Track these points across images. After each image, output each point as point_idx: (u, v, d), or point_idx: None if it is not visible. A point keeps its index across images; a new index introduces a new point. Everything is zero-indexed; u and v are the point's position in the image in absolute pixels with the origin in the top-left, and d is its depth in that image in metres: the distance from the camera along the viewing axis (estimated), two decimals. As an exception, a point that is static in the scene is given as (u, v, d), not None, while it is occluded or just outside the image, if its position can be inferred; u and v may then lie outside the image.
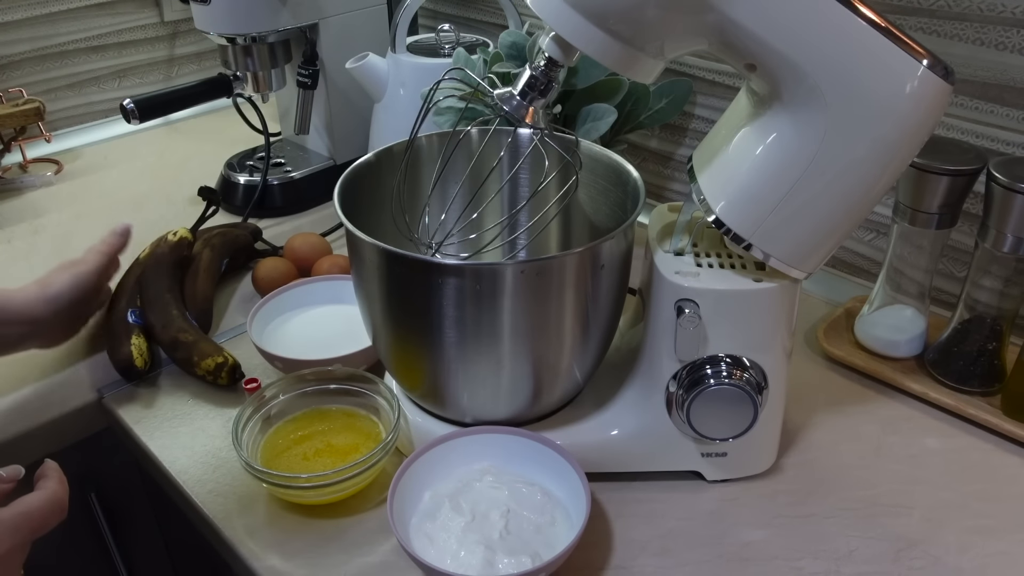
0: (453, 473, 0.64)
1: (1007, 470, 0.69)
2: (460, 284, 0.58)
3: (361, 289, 0.65)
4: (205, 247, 0.90)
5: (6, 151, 1.19)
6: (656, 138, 1.08)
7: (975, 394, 0.74)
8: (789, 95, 0.54)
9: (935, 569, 0.61)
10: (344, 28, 1.10)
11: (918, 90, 0.51)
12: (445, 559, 0.57)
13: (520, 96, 0.59)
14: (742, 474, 0.68)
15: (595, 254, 0.60)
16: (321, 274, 0.88)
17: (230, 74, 1.06)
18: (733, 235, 0.58)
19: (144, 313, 0.81)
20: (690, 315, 0.59)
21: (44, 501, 0.55)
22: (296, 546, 0.63)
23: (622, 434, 0.67)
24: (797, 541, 0.63)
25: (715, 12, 0.51)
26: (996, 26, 0.75)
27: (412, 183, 0.74)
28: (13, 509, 0.53)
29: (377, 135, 1.07)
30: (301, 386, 0.70)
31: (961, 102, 0.80)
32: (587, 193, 0.73)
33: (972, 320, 0.74)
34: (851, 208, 0.56)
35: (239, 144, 1.18)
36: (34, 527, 0.53)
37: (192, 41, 1.40)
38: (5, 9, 1.19)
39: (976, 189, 0.73)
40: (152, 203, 1.12)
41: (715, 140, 0.61)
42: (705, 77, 0.99)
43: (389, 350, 0.66)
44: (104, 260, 0.79)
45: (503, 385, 0.63)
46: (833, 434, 0.73)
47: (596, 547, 0.62)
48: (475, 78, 0.68)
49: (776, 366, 0.63)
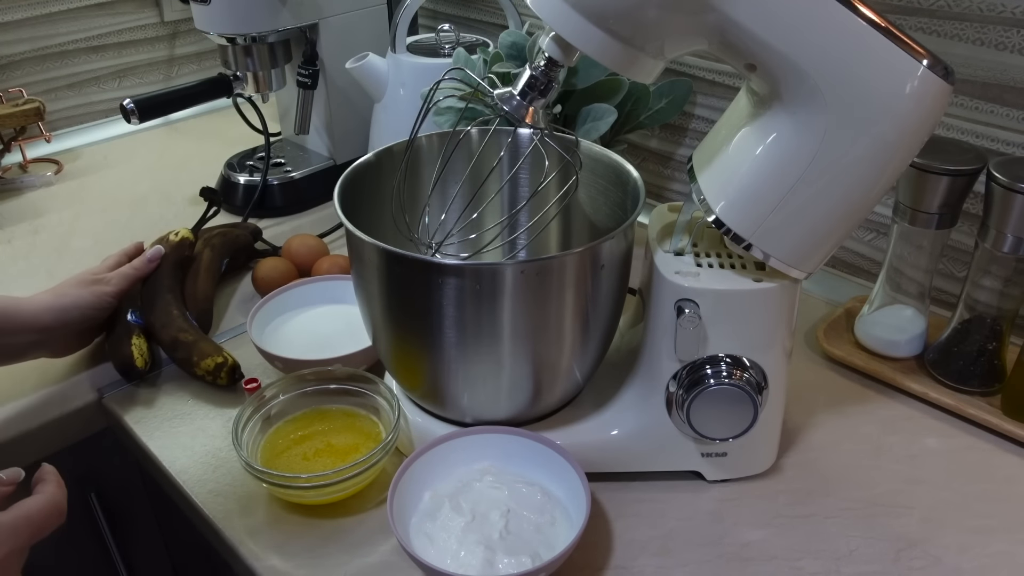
0: (453, 473, 0.64)
1: (1007, 470, 0.69)
2: (460, 284, 0.58)
3: (361, 289, 0.65)
4: (205, 247, 0.90)
5: (6, 151, 1.19)
6: (656, 138, 1.08)
7: (975, 394, 0.74)
8: (789, 95, 0.54)
9: (935, 569, 0.61)
10: (344, 28, 1.10)
11: (918, 90, 0.51)
12: (445, 559, 0.57)
13: (520, 96, 0.59)
14: (742, 474, 0.68)
15: (595, 254, 0.60)
16: (321, 274, 0.88)
17: (230, 74, 1.06)
18: (733, 235, 0.58)
19: (144, 313, 0.81)
20: (690, 315, 0.59)
21: (43, 504, 0.55)
22: (296, 546, 0.63)
23: (622, 434, 0.67)
24: (797, 541, 0.63)
25: (715, 12, 0.51)
26: (996, 26, 0.75)
27: (412, 183, 0.74)
28: (12, 512, 0.53)
29: (377, 135, 1.07)
30: (301, 386, 0.70)
31: (961, 102, 0.80)
32: (587, 193, 0.73)
33: (972, 320, 0.74)
34: (851, 208, 0.56)
35: (239, 144, 1.18)
36: (33, 531, 0.53)
37: (192, 41, 1.40)
38: (5, 9, 1.20)
39: (976, 189, 0.73)
40: (152, 203, 1.12)
41: (715, 140, 0.61)
42: (705, 77, 0.99)
43: (389, 350, 0.66)
44: (129, 285, 0.80)
45: (503, 385, 0.63)
46: (833, 434, 0.73)
47: (596, 547, 0.62)
48: (475, 78, 0.68)
49: (776, 366, 0.63)
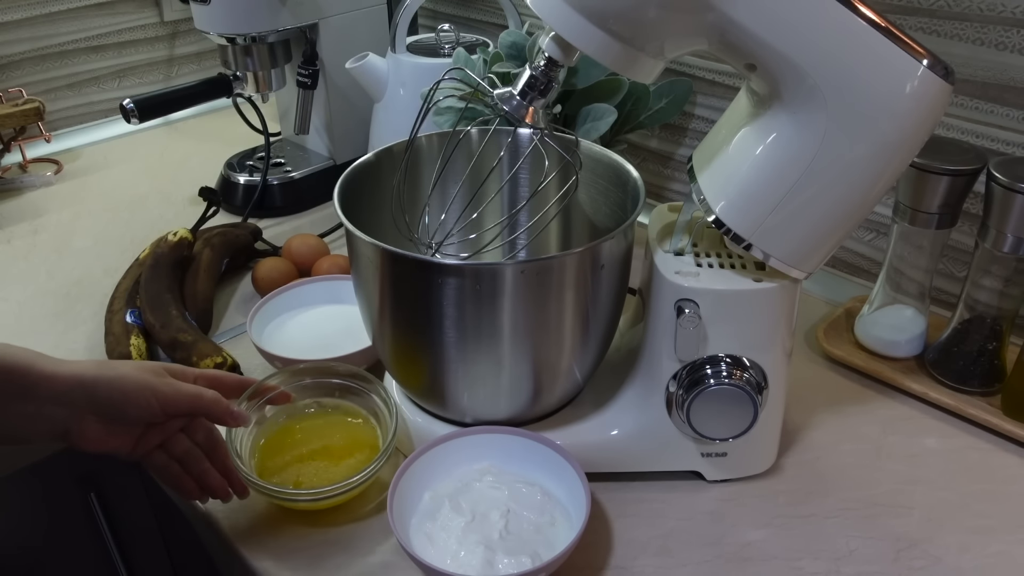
0: (453, 473, 0.64)
1: (1007, 470, 0.69)
2: (460, 284, 0.58)
3: (361, 289, 0.65)
4: (205, 247, 0.90)
5: (6, 151, 1.19)
6: (656, 138, 1.08)
7: (975, 394, 0.74)
8: (789, 95, 0.54)
9: (935, 569, 0.61)
10: (344, 28, 1.10)
11: (918, 90, 0.51)
12: (445, 559, 0.57)
13: (520, 96, 0.59)
14: (742, 474, 0.68)
15: (595, 254, 0.60)
16: (321, 274, 0.88)
17: (230, 74, 1.06)
18: (733, 235, 0.58)
19: (144, 313, 0.81)
20: (690, 315, 0.59)
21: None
22: (296, 546, 0.63)
23: (622, 434, 0.67)
24: (797, 541, 0.63)
25: (715, 12, 0.51)
26: (996, 26, 0.75)
27: (412, 183, 0.74)
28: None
29: (377, 135, 1.07)
30: (298, 382, 0.70)
31: (961, 102, 0.80)
32: (587, 193, 0.73)
33: (972, 320, 0.74)
34: (851, 208, 0.56)
35: (239, 144, 1.18)
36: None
37: (192, 41, 1.40)
38: (5, 9, 1.19)
39: (976, 189, 0.73)
40: (152, 203, 1.12)
41: (715, 140, 0.61)
42: (705, 77, 0.99)
43: (389, 350, 0.66)
44: (187, 411, 0.61)
45: (503, 385, 0.63)
46: (833, 434, 0.73)
47: (596, 547, 0.62)
48: (475, 78, 0.68)
49: (776, 366, 0.63)
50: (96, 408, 0.56)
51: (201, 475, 0.61)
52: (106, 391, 0.56)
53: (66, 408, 0.55)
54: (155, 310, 0.81)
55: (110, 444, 0.57)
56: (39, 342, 0.84)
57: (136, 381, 0.57)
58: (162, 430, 0.60)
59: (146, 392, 0.57)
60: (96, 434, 0.56)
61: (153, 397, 0.57)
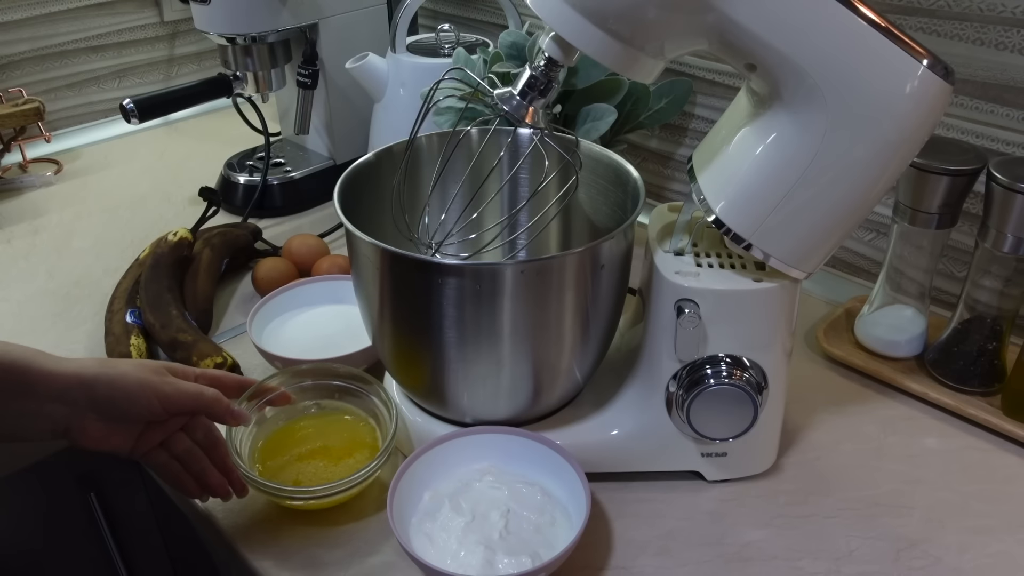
0: (453, 473, 0.64)
1: (1007, 470, 0.69)
2: (460, 284, 0.58)
3: (361, 289, 0.65)
4: (205, 247, 0.90)
5: (6, 151, 1.19)
6: (656, 138, 1.08)
7: (975, 394, 0.74)
8: (789, 95, 0.54)
9: (935, 569, 0.61)
10: (344, 28, 1.10)
11: (918, 90, 0.51)
12: (445, 559, 0.57)
13: (520, 96, 0.59)
14: (742, 474, 0.68)
15: (595, 254, 0.60)
16: (321, 274, 0.88)
17: (230, 74, 1.06)
18: (733, 235, 0.58)
19: (144, 313, 0.81)
20: (690, 315, 0.59)
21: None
22: (296, 546, 0.63)
23: (622, 434, 0.67)
24: (797, 541, 0.63)
25: (715, 12, 0.51)
26: (996, 26, 0.75)
27: (412, 183, 0.74)
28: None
29: (377, 135, 1.07)
30: (298, 383, 0.70)
31: (961, 102, 0.80)
32: (587, 193, 0.73)
33: (972, 320, 0.74)
34: (851, 208, 0.56)
35: (239, 144, 1.18)
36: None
37: (192, 41, 1.40)
38: (5, 9, 1.19)
39: (976, 189, 0.73)
40: (152, 203, 1.12)
41: (715, 140, 0.61)
42: (705, 77, 0.99)
43: (389, 350, 0.66)
44: (188, 409, 0.60)
45: (503, 385, 0.63)
46: (833, 434, 0.73)
47: (596, 547, 0.62)
48: (475, 78, 0.68)
49: (776, 366, 0.63)
50: (97, 406, 0.56)
51: (201, 473, 0.61)
52: (107, 389, 0.56)
53: (67, 406, 0.55)
54: (155, 310, 0.81)
55: (110, 442, 0.57)
56: (39, 342, 0.83)
57: (137, 379, 0.57)
58: (162, 428, 0.60)
59: (147, 390, 0.57)
60: (96, 432, 0.56)
61: (154, 395, 0.57)
